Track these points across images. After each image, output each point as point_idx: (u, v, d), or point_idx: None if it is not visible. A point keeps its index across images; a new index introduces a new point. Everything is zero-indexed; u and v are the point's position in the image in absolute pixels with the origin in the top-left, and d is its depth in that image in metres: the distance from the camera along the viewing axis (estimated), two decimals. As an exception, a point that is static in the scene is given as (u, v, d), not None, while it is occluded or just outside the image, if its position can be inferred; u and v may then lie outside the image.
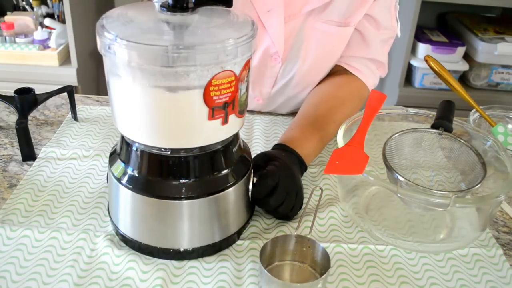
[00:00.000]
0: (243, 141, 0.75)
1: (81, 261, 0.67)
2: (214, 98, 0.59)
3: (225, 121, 0.62)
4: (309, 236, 0.67)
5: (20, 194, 0.79)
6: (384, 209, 0.81)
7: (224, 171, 0.68)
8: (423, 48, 1.94)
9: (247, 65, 0.62)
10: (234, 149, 0.69)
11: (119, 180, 0.67)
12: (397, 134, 0.80)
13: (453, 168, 0.83)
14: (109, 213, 0.74)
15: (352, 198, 0.81)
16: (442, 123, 0.80)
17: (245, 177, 0.70)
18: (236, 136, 0.70)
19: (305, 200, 0.79)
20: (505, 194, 0.68)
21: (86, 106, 1.07)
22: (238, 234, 0.72)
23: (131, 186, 0.66)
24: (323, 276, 0.61)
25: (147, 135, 0.62)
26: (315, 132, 0.86)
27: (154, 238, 0.68)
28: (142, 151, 0.65)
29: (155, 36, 0.59)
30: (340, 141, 0.74)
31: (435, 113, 0.83)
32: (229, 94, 0.61)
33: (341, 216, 0.78)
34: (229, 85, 0.60)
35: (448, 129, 0.80)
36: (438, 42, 1.95)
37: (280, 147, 0.81)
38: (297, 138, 0.84)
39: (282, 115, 1.08)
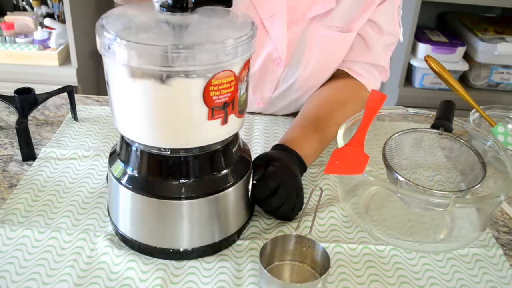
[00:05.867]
0: (243, 141, 0.75)
1: (81, 261, 0.67)
2: (214, 98, 0.59)
3: (224, 121, 0.62)
4: (309, 236, 0.67)
5: (20, 194, 0.79)
6: (384, 209, 0.81)
7: (224, 171, 0.68)
8: (423, 48, 1.94)
9: (246, 65, 0.62)
10: (234, 149, 0.69)
11: (118, 180, 0.67)
12: (397, 134, 0.80)
13: (453, 168, 0.83)
14: (108, 213, 0.74)
15: (352, 198, 0.81)
16: (442, 123, 0.80)
17: (245, 177, 0.70)
18: (235, 136, 0.70)
19: (305, 200, 0.79)
20: (505, 194, 0.68)
21: (86, 106, 1.07)
22: (238, 234, 0.72)
23: (130, 186, 0.66)
24: (323, 276, 0.61)
25: (147, 135, 0.62)
26: (315, 134, 0.86)
27: (153, 238, 0.68)
28: (141, 151, 0.65)
29: (154, 36, 0.59)
30: (340, 141, 0.74)
31: (435, 113, 0.83)
32: (229, 94, 0.61)
33: (341, 216, 0.78)
34: (228, 85, 0.60)
35: (448, 129, 0.80)
36: (438, 42, 1.95)
37: (280, 148, 0.81)
38: (298, 138, 0.84)
39: (282, 115, 1.08)
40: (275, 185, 0.71)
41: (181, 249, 0.68)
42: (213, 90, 0.59)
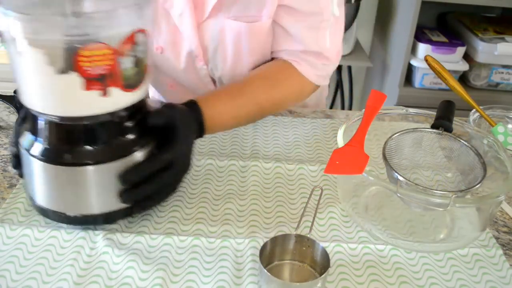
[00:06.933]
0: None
1: (80, 260, 0.67)
2: (86, 69, 0.60)
3: (105, 93, 0.63)
4: (309, 235, 0.67)
5: (19, 194, 0.79)
6: (384, 209, 0.81)
7: (130, 137, 0.69)
8: (423, 48, 1.94)
9: (130, 39, 0.62)
10: (140, 117, 0.70)
11: (27, 150, 0.68)
12: (397, 134, 0.80)
13: (453, 168, 0.83)
14: (25, 188, 0.75)
15: (352, 198, 0.81)
16: (442, 123, 0.80)
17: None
18: (142, 106, 0.71)
19: (305, 200, 0.80)
20: (505, 194, 0.68)
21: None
22: None
23: (39, 156, 0.67)
24: (323, 275, 0.61)
25: (38, 102, 0.65)
26: (233, 110, 0.85)
27: (66, 206, 0.69)
28: (46, 121, 0.66)
29: (23, 3, 0.61)
30: (340, 141, 0.74)
31: (435, 113, 0.83)
32: (106, 66, 0.61)
33: (341, 215, 0.78)
34: (103, 57, 0.60)
35: (448, 129, 0.80)
36: (438, 42, 1.95)
37: (191, 106, 0.79)
38: (212, 104, 0.82)
39: (282, 115, 1.08)
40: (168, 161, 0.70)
41: (93, 214, 0.69)
42: (83, 61, 0.60)
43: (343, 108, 2.45)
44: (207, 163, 0.88)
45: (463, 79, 2.04)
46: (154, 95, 1.16)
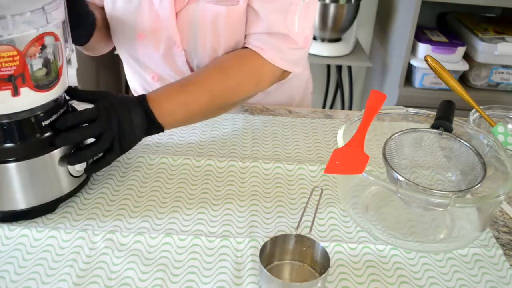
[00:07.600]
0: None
1: (80, 261, 0.67)
2: None
3: (15, 93, 0.65)
4: (309, 235, 0.67)
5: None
6: (384, 209, 0.81)
7: (48, 134, 0.71)
8: (423, 48, 1.94)
9: (38, 41, 0.64)
10: (57, 116, 0.73)
11: None
12: (397, 134, 0.80)
13: (453, 168, 0.83)
14: None
15: (352, 198, 0.81)
16: (442, 123, 0.80)
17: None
18: (58, 104, 0.73)
19: (305, 200, 0.79)
20: (505, 194, 0.68)
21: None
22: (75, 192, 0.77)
23: None
24: (323, 275, 0.61)
25: None
26: (180, 95, 0.85)
27: None
28: None
29: None
30: (340, 141, 0.74)
31: (435, 113, 0.83)
32: (14, 67, 0.63)
33: (341, 215, 0.78)
34: (11, 59, 0.62)
35: (448, 129, 0.80)
36: (438, 42, 1.95)
37: (140, 102, 0.81)
38: (160, 96, 0.83)
39: (282, 115, 1.08)
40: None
41: (20, 209, 0.71)
42: None
43: (343, 108, 2.45)
44: (207, 164, 0.88)
45: (463, 79, 2.03)
46: (136, 88, 1.15)
